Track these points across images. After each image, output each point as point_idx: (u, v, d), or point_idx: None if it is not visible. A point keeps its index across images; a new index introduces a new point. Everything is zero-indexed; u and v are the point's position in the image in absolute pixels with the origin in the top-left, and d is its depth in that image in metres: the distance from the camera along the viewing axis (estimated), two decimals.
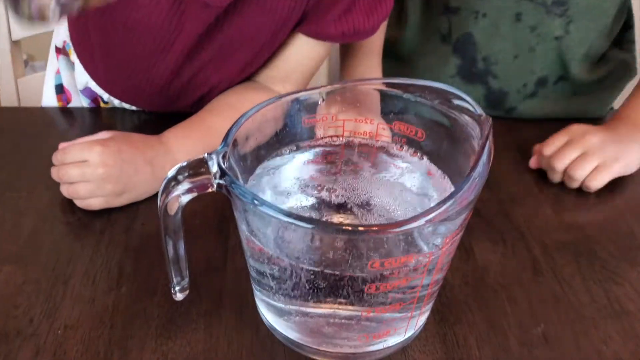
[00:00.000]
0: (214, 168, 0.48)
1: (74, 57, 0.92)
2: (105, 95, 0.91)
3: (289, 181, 0.57)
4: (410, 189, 0.57)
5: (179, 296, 0.54)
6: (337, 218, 0.56)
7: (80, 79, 0.93)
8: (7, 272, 0.62)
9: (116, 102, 0.92)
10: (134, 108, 0.92)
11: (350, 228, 0.42)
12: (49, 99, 0.99)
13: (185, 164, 0.48)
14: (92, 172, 0.67)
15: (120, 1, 0.73)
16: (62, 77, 0.97)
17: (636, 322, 0.59)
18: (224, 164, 0.47)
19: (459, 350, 0.56)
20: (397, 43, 0.96)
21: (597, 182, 0.73)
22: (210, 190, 0.48)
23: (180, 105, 0.87)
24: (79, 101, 0.96)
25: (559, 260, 0.66)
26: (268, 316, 0.55)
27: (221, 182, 0.46)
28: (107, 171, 0.67)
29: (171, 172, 0.47)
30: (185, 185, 0.47)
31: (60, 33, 0.96)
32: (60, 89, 0.98)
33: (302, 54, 0.82)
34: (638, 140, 0.76)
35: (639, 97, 0.80)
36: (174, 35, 0.77)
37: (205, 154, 0.48)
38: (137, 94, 0.88)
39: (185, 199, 0.48)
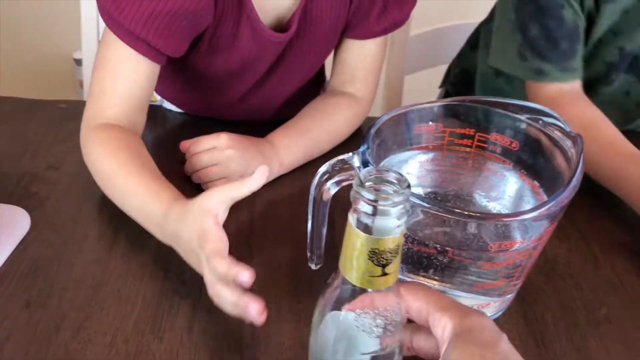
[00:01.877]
0: (356, 164, 0.60)
1: None
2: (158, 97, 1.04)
3: (406, 175, 0.69)
4: (503, 188, 0.69)
5: (316, 266, 0.66)
6: None
7: None
8: (155, 243, 0.74)
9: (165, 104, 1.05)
10: (175, 108, 1.05)
11: (480, 215, 0.54)
12: None
13: (334, 161, 0.60)
14: (220, 154, 0.80)
15: (205, 51, 0.85)
16: None
17: None
18: (369, 159, 0.59)
19: (538, 324, 0.68)
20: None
21: None
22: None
23: (254, 117, 0.99)
24: None
25: (616, 256, 0.78)
26: None
27: None
28: (232, 153, 0.80)
29: (324, 168, 0.60)
30: (336, 179, 0.59)
31: None
32: None
33: (357, 55, 0.95)
34: None
35: None
36: (248, 70, 0.90)
37: (350, 154, 0.60)
38: (206, 111, 1.01)
39: (334, 189, 0.60)
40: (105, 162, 0.75)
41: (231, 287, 0.58)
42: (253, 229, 0.76)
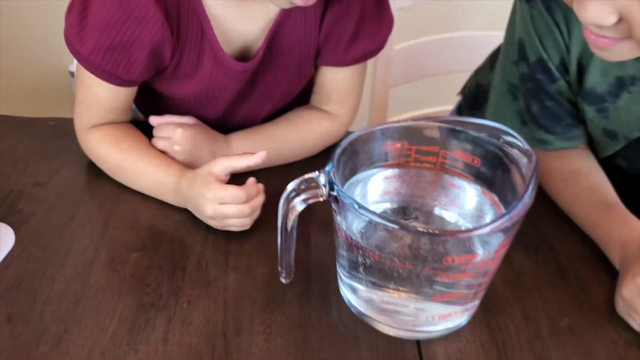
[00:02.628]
0: (322, 182, 0.62)
1: None
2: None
3: (373, 191, 0.72)
4: (466, 202, 0.72)
5: (286, 280, 0.69)
6: (411, 223, 0.70)
7: None
8: (135, 258, 0.77)
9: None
10: None
11: (434, 231, 0.56)
12: None
13: (300, 180, 0.63)
14: (170, 146, 0.86)
15: (169, 77, 0.88)
16: None
17: None
18: (333, 178, 0.61)
19: (501, 334, 0.70)
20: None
21: None
22: (320, 199, 0.63)
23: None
24: None
25: (581, 267, 0.80)
26: (351, 298, 0.69)
27: (333, 193, 0.61)
28: (180, 148, 0.86)
29: (291, 186, 0.62)
30: (302, 197, 0.62)
31: None
32: None
33: (331, 80, 0.96)
34: None
35: None
36: (217, 96, 0.92)
37: (316, 172, 0.63)
38: None
39: (301, 207, 0.63)
40: (111, 156, 0.87)
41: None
42: (230, 248, 0.79)
